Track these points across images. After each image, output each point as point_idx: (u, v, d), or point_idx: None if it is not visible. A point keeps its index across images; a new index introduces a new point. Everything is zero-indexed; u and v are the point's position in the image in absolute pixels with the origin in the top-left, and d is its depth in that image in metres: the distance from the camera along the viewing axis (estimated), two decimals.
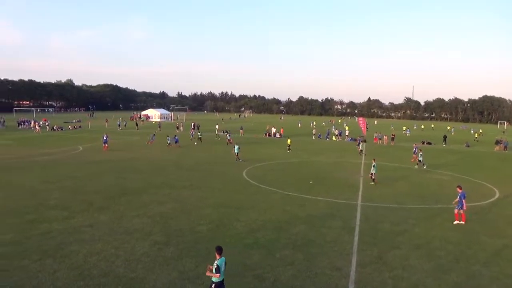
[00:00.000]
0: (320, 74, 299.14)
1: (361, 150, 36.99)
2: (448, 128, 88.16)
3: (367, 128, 55.68)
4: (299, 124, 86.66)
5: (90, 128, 64.02)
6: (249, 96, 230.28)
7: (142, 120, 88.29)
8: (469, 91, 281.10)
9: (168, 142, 40.91)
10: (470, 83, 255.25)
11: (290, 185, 22.45)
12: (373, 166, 23.38)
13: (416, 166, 30.38)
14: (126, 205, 17.43)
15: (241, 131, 59.71)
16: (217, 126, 62.22)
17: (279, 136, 56.52)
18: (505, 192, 22.25)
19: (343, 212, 17.21)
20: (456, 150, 44.21)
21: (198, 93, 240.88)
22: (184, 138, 47.87)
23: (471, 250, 13.17)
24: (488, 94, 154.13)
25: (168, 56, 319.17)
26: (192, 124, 63.46)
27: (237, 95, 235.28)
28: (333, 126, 70.20)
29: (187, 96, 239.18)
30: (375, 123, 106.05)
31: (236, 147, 30.95)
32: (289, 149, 38.76)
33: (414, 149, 33.68)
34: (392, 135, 52.14)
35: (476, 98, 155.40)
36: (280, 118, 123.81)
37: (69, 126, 66.00)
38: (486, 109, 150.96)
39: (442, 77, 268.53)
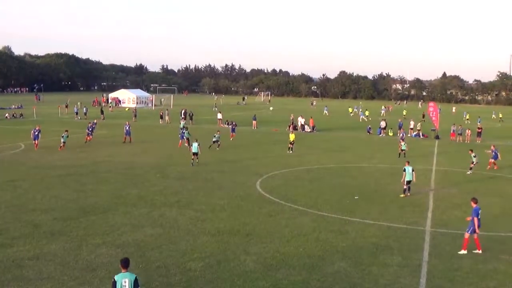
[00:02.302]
0: (372, 39, 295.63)
1: (402, 150, 36.92)
2: None
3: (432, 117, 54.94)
4: (326, 111, 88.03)
5: (36, 117, 64.92)
6: (265, 71, 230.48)
7: (110, 106, 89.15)
8: None
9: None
10: None
11: (325, 202, 22.47)
12: (404, 171, 24.12)
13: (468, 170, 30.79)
14: (86, 229, 17.64)
15: (254, 122, 59.76)
16: (219, 116, 62.48)
17: (309, 130, 56.39)
18: None
19: (403, 242, 17.14)
20: None
21: (191, 67, 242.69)
22: (172, 132, 48.05)
23: None
24: None
25: (147, 11, 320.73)
26: (183, 111, 63.79)
27: (248, 70, 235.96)
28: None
29: (175, 71, 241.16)
30: (453, 110, 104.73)
31: (195, 145, 30.77)
32: (290, 149, 38.28)
33: (493, 151, 32.76)
34: (479, 128, 51.65)
35: None
36: (312, 104, 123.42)
37: (6, 114, 67.09)
38: None
39: None
